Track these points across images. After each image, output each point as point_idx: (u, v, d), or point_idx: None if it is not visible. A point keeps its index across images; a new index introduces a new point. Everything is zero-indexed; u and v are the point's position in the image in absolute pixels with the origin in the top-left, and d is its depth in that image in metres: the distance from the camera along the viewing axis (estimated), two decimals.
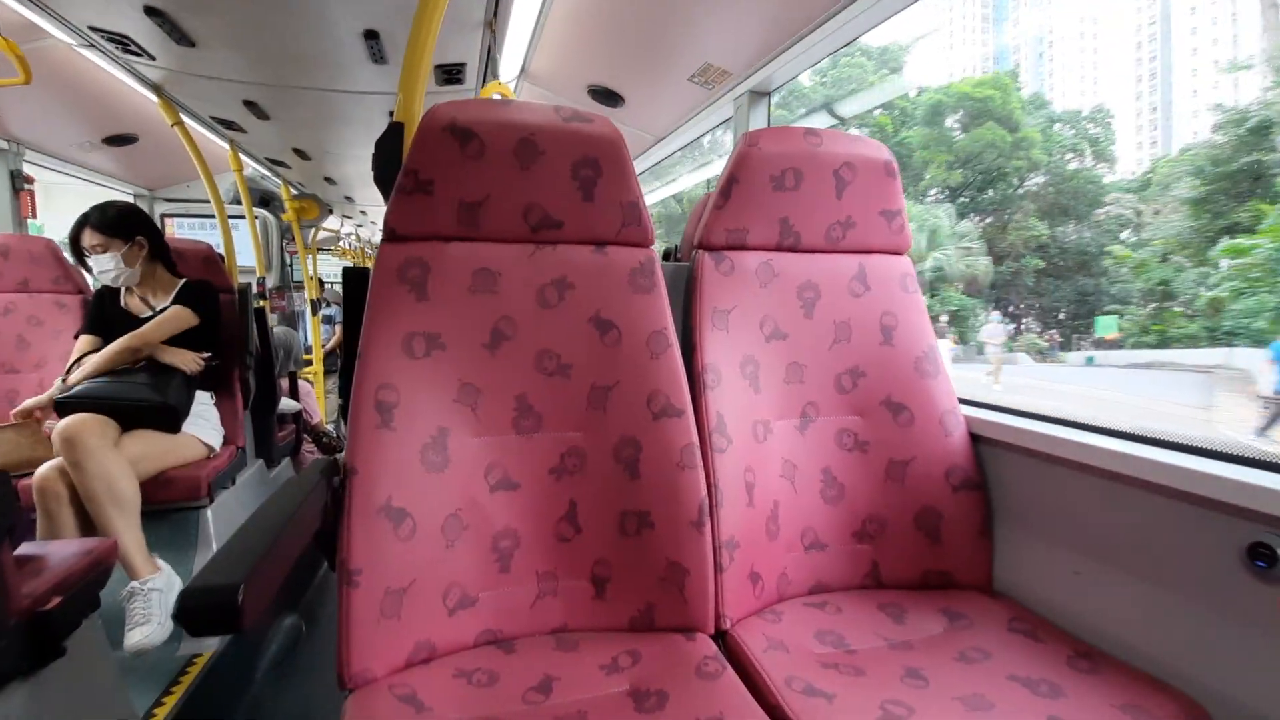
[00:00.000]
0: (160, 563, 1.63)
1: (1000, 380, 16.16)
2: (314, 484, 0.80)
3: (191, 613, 0.53)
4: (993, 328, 18.37)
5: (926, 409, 1.14)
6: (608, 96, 2.28)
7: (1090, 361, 20.45)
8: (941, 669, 0.88)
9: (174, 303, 1.87)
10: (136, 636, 1.46)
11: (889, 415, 1.14)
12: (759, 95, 1.92)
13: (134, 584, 1.53)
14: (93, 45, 1.90)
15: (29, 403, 1.71)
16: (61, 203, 2.84)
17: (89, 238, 1.78)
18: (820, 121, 2.91)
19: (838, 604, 1.05)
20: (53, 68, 2.01)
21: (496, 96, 1.92)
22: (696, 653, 0.88)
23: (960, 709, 0.79)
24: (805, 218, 1.14)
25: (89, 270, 1.82)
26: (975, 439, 1.15)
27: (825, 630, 0.98)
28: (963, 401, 1.20)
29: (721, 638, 0.96)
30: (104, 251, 1.78)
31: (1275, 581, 0.74)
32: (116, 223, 1.81)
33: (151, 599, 1.53)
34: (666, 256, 1.61)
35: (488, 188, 0.95)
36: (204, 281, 1.97)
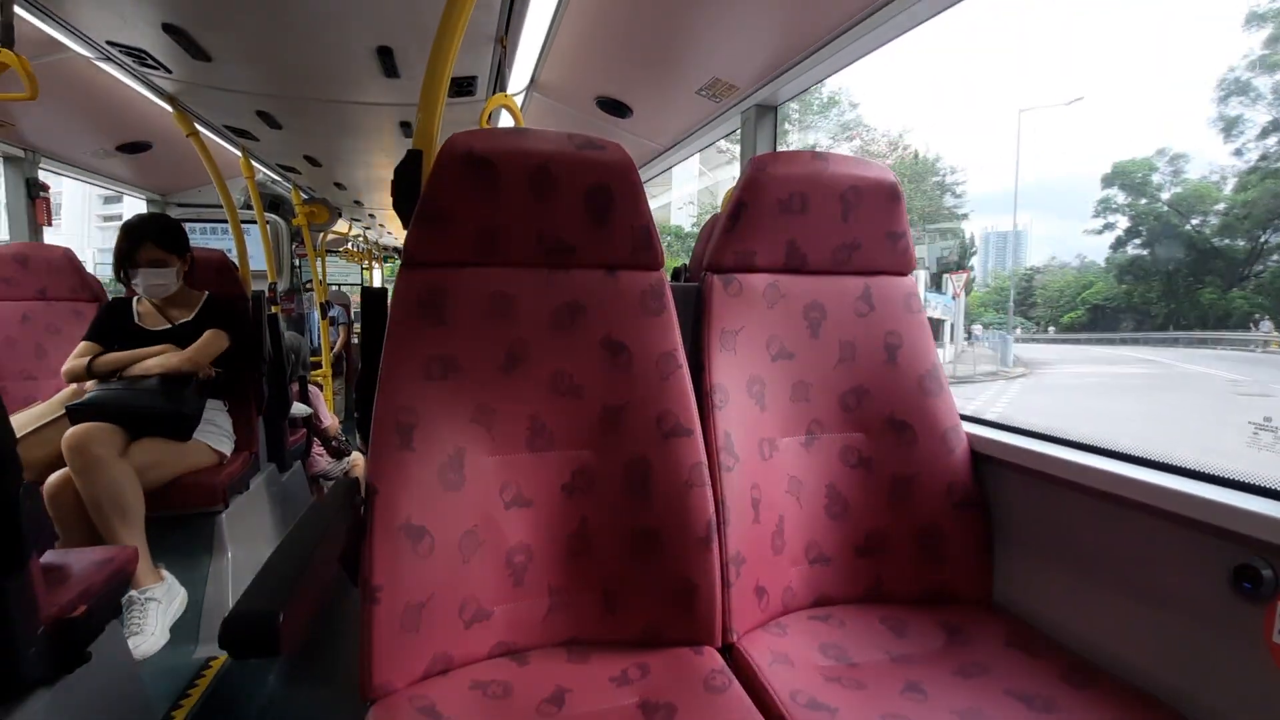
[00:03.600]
0: (164, 572, 1.66)
1: None
2: (338, 505, 0.83)
3: (235, 639, 0.57)
4: None
5: (929, 427, 1.17)
6: (616, 107, 2.31)
7: None
8: (940, 683, 0.91)
9: (200, 318, 1.91)
10: (129, 646, 1.48)
11: (893, 433, 1.17)
12: (766, 109, 1.95)
13: (132, 593, 1.55)
14: (110, 59, 1.94)
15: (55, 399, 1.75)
16: None
17: (150, 251, 1.81)
18: None
19: (841, 617, 1.08)
20: (69, 79, 2.04)
21: (502, 111, 1.94)
22: (704, 666, 0.91)
23: None
24: (812, 240, 1.17)
25: (128, 282, 1.85)
26: (976, 456, 1.17)
27: (828, 643, 1.01)
28: (964, 418, 1.22)
29: (728, 651, 1.00)
30: (164, 266, 1.82)
31: (1260, 603, 0.77)
32: (177, 238, 1.86)
33: (148, 609, 1.55)
34: (676, 276, 1.64)
35: (503, 215, 0.98)
36: (229, 298, 2.00)
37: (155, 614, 1.56)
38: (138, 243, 1.80)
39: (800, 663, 0.95)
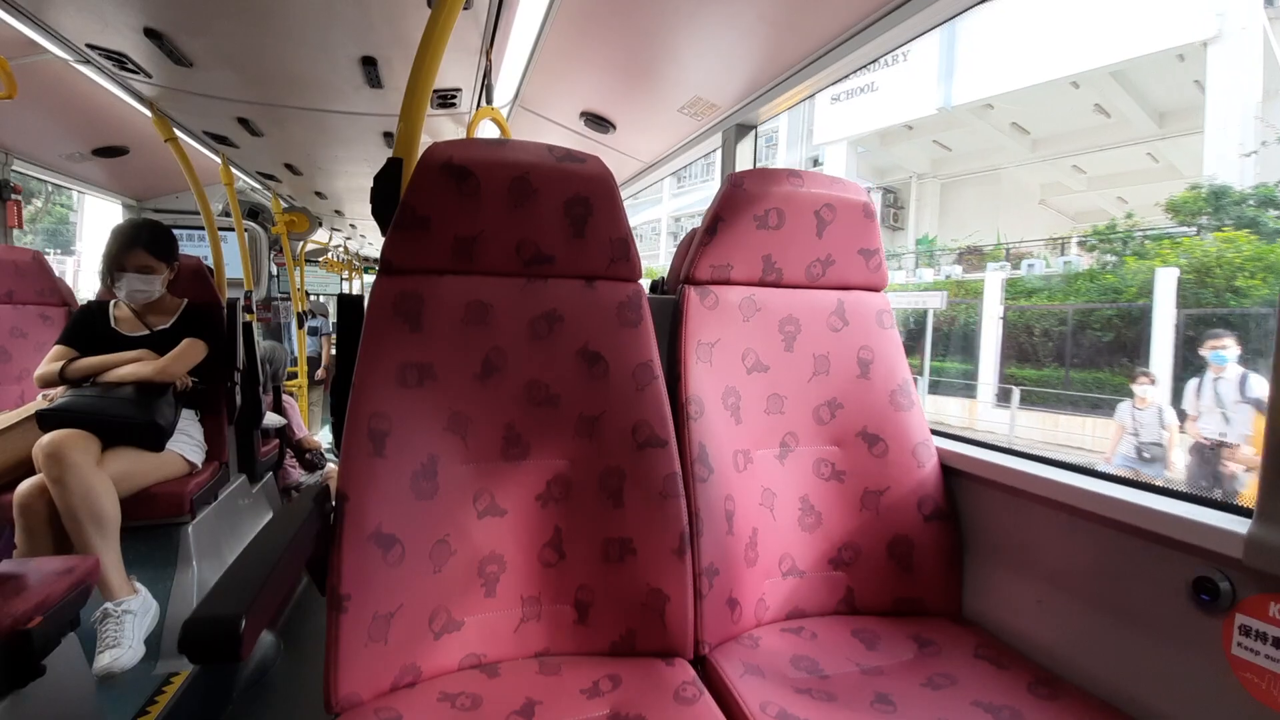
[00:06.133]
0: (137, 585, 1.61)
1: None
2: (307, 512, 0.82)
3: (195, 643, 0.55)
4: None
5: (900, 441, 1.18)
6: (599, 122, 2.34)
7: None
8: (909, 695, 0.91)
9: (179, 326, 1.88)
10: (106, 659, 1.44)
11: (865, 446, 1.18)
12: (745, 129, 1.99)
13: (108, 605, 1.51)
14: (89, 61, 1.92)
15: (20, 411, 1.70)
16: None
17: (140, 258, 1.78)
18: None
19: (813, 629, 1.09)
20: (46, 81, 2.01)
21: (488, 122, 1.96)
22: (675, 678, 0.90)
23: None
24: (787, 255, 1.19)
25: (112, 285, 1.81)
26: (947, 470, 1.19)
27: (800, 656, 1.01)
28: (935, 433, 1.24)
29: (700, 663, 0.99)
30: (151, 273, 1.79)
31: (1218, 614, 0.79)
32: (167, 247, 1.83)
33: (124, 622, 1.51)
34: (654, 289, 1.65)
35: (482, 224, 0.99)
36: (208, 306, 1.97)
37: (131, 626, 1.51)
38: (128, 248, 1.77)
39: (771, 675, 0.95)
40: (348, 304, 1.06)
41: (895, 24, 1.34)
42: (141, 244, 1.78)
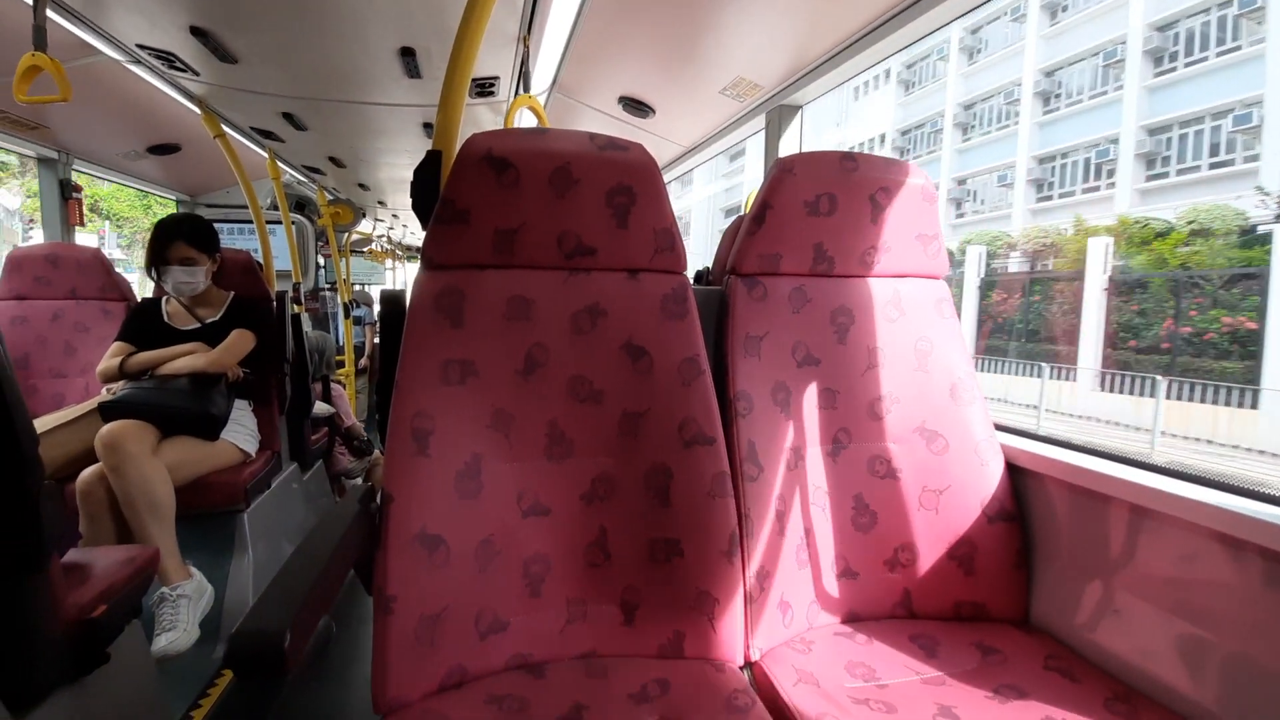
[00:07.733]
0: (192, 569, 1.67)
1: None
2: (354, 514, 0.82)
3: (240, 658, 0.55)
4: None
5: (962, 437, 1.12)
6: (638, 107, 2.29)
7: None
8: (974, 707, 0.86)
9: (227, 318, 1.94)
10: (163, 642, 1.49)
11: (923, 442, 1.13)
12: (791, 110, 1.91)
13: (164, 590, 1.57)
14: (140, 61, 1.96)
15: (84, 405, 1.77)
16: None
17: (182, 250, 1.83)
18: None
19: (869, 634, 1.04)
20: (100, 82, 2.07)
21: (525, 111, 1.93)
22: (726, 685, 0.88)
23: None
24: (839, 242, 1.13)
25: (158, 279, 1.87)
26: (1012, 469, 1.12)
27: (856, 662, 0.97)
28: (999, 428, 1.17)
29: (750, 668, 0.96)
30: (194, 265, 1.85)
31: None
32: (208, 238, 1.88)
33: (180, 605, 1.56)
34: (699, 279, 1.61)
35: (523, 216, 0.96)
36: (254, 299, 2.02)
37: (187, 610, 1.57)
38: (169, 241, 1.83)
39: (826, 683, 0.91)
40: (390, 300, 1.05)
41: None
42: (182, 236, 1.83)
